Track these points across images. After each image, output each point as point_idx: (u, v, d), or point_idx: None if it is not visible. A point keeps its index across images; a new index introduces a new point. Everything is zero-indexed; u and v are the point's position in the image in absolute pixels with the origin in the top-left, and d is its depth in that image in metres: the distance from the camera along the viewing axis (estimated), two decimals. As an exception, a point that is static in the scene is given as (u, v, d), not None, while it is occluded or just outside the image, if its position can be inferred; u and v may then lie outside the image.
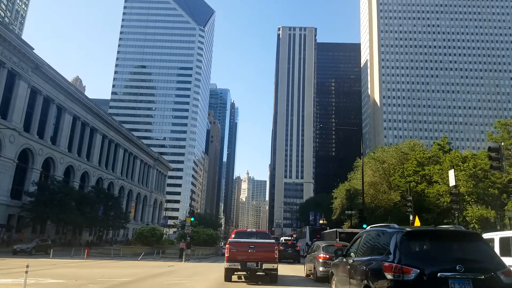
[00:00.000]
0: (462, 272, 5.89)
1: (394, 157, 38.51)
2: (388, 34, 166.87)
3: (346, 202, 47.13)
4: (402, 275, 5.96)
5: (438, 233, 6.78)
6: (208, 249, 36.33)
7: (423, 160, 34.64)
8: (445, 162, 30.06)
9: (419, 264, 6.00)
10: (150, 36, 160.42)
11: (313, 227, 43.25)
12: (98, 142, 69.90)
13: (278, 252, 16.45)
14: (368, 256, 7.34)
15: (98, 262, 24.61)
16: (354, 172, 46.65)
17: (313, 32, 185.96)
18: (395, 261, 6.13)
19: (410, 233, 6.54)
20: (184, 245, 28.89)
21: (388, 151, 40.57)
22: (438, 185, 29.55)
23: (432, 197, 30.02)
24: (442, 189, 28.51)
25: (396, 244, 6.38)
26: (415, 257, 6.25)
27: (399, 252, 6.24)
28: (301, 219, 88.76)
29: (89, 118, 65.74)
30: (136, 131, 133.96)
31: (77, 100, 60.69)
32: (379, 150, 43.45)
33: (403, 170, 33.90)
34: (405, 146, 40.13)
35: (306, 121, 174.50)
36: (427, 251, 6.44)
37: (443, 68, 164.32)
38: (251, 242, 14.71)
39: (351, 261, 8.06)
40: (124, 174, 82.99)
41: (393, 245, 6.44)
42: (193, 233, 36.97)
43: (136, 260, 26.97)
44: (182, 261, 27.63)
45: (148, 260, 27.35)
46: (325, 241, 25.52)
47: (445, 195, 27.86)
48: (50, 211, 45.76)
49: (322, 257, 16.49)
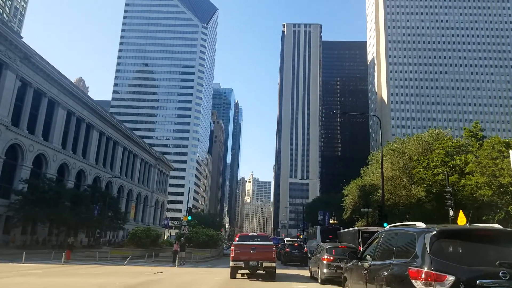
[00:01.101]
0: (507, 279, 4.96)
1: (416, 148, 34.52)
2: (396, 30, 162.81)
3: (358, 200, 43.39)
4: (434, 283, 5.11)
5: (476, 233, 5.80)
6: (208, 251, 32.73)
7: (452, 149, 30.75)
8: (482, 150, 26.20)
9: (454, 270, 5.12)
10: (152, 34, 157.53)
11: (325, 227, 39.39)
12: (95, 139, 66.76)
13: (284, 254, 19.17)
14: (389, 259, 6.47)
15: (74, 267, 21.19)
16: (368, 167, 42.85)
17: (318, 29, 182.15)
18: (424, 267, 5.28)
19: (442, 232, 5.65)
20: (177, 247, 25.36)
21: (408, 142, 36.54)
22: (474, 176, 25.67)
23: (467, 190, 26.18)
24: (481, 180, 24.66)
25: (424, 246, 5.52)
26: (449, 262, 5.29)
27: (429, 255, 5.36)
28: (308, 219, 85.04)
29: (85, 113, 62.58)
30: (138, 130, 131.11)
31: (71, 94, 57.53)
32: (398, 141, 39.46)
33: (428, 161, 29.98)
34: (428, 136, 36.12)
35: (312, 119, 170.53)
36: (462, 254, 5.49)
37: (452, 64, 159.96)
38: (253, 244, 17.09)
39: (368, 265, 7.21)
40: (123, 173, 79.83)
41: (420, 247, 5.60)
42: (192, 233, 33.53)
43: (121, 265, 23.44)
44: (175, 265, 24.15)
45: (135, 265, 23.84)
46: (330, 242, 23.33)
47: (484, 188, 24.08)
48: (40, 210, 42.55)
49: (326, 259, 16.34)
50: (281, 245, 51.06)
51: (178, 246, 25.46)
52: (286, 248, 35.30)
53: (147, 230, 34.36)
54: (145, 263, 26.11)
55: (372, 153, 40.58)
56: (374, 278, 6.68)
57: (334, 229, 35.72)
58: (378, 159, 37.82)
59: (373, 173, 38.18)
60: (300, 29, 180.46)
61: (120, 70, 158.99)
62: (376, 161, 39.36)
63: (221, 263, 29.70)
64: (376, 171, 36.75)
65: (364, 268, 7.32)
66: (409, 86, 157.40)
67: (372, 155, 41.18)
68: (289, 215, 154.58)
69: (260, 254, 16.66)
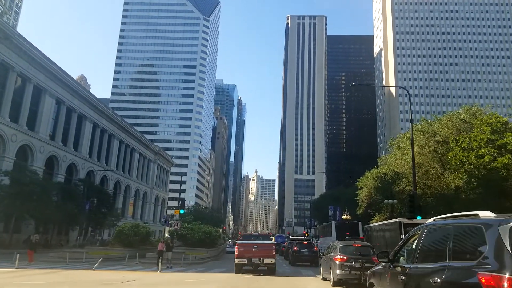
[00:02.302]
0: None
1: (450, 128, 29.68)
2: (404, 21, 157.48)
3: (374, 192, 38.80)
4: None
5: None
6: (205, 251, 28.13)
7: (499, 125, 25.89)
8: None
9: None
10: (152, 27, 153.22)
11: (341, 223, 34.52)
12: (87, 130, 62.55)
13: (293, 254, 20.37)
14: (439, 262, 4.96)
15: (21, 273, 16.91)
16: (386, 155, 37.99)
17: (323, 20, 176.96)
18: (505, 271, 3.81)
19: None
20: (163, 246, 20.85)
21: (439, 122, 31.42)
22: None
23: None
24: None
25: (501, 242, 4.03)
26: None
27: (511, 255, 3.88)
28: (315, 216, 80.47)
29: (76, 103, 58.34)
30: (139, 126, 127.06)
31: (60, 81, 53.29)
32: (424, 122, 34.43)
33: (469, 141, 25.08)
34: (464, 113, 31.11)
35: (317, 113, 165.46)
36: None
37: (463, 55, 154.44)
38: (255, 243, 18.84)
39: (407, 270, 5.74)
40: (120, 168, 75.72)
41: (493, 244, 4.13)
42: (186, 230, 29.12)
43: (90, 269, 18.94)
44: (158, 269, 19.75)
45: (108, 269, 19.35)
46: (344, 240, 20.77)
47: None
48: (21, 205, 38.35)
49: (339, 258, 15.06)
50: (288, 244, 46.66)
51: (164, 246, 21.02)
52: (295, 247, 30.99)
53: (135, 226, 30.01)
54: (125, 266, 21.65)
55: (393, 138, 36.04)
56: (418, 286, 5.38)
57: (353, 225, 31.15)
58: (400, 143, 33.27)
59: (396, 159, 33.24)
60: (304, 21, 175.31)
61: (121, 65, 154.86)
62: (398, 147, 34.70)
63: (218, 265, 25.17)
64: (400, 157, 32.06)
65: (401, 273, 6.00)
66: (418, 78, 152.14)
67: (393, 140, 36.53)
68: (294, 213, 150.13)
69: (261, 252, 18.32)
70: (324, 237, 34.35)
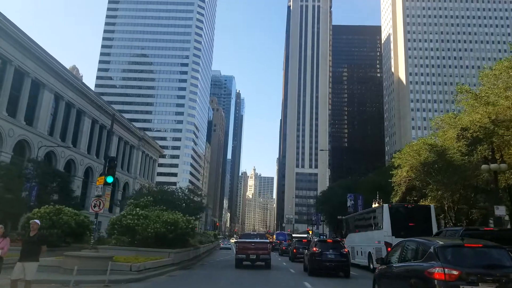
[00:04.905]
0: None
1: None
2: (415, 3, 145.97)
3: (418, 172, 27.46)
4: None
5: None
6: (163, 255, 15.89)
7: None
8: None
9: None
10: (141, 6, 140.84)
11: (400, 205, 21.77)
12: (46, 102, 50.78)
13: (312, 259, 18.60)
14: None
15: None
16: (439, 125, 26.24)
17: (328, 3, 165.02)
18: None
19: None
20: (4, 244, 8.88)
21: None
22: None
23: None
24: None
25: None
26: None
27: None
28: (322, 210, 68.94)
29: (30, 65, 46.55)
30: (126, 112, 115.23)
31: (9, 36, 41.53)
32: None
33: None
34: None
35: (321, 102, 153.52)
36: None
37: (478, 40, 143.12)
38: (252, 241, 22.15)
39: None
40: (92, 152, 64.15)
41: None
42: (135, 219, 17.29)
43: None
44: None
45: None
46: (438, 237, 11.97)
47: None
48: None
49: (447, 275, 6.99)
50: (295, 242, 35.16)
51: (5, 244, 9.10)
52: (314, 248, 19.56)
53: (57, 210, 18.42)
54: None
55: (462, 84, 24.72)
56: None
57: (420, 210, 19.35)
58: (473, 90, 22.00)
59: (475, 112, 20.75)
60: (308, 3, 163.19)
61: (111, 54, 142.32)
62: (476, 96, 23.15)
63: (187, 283, 13.47)
64: (483, 108, 20.17)
65: None
66: (430, 65, 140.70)
67: (463, 87, 25.04)
68: (295, 209, 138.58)
69: (258, 249, 21.37)
70: (362, 231, 22.32)
